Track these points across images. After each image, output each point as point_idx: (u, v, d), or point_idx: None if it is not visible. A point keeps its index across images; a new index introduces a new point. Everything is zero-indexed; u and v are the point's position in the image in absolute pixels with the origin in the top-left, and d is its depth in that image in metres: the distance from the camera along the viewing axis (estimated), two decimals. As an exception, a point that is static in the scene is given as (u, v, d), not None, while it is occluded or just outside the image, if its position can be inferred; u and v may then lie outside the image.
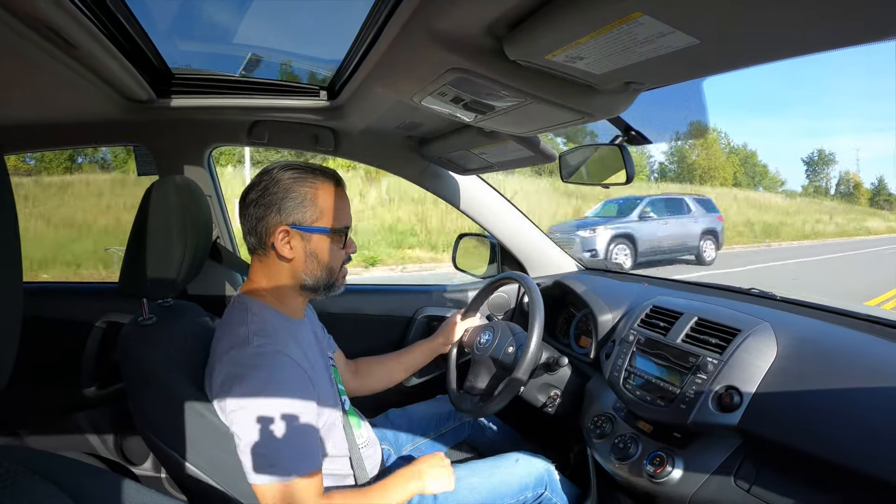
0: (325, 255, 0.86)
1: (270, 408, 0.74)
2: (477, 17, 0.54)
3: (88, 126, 1.24)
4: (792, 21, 0.42)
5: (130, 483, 0.42)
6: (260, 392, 0.75)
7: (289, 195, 0.83)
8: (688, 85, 0.66)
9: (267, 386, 0.75)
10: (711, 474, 0.80)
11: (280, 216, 0.83)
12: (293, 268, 0.86)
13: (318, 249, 0.86)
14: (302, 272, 0.86)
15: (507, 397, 1.07)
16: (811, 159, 41.78)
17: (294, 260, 0.85)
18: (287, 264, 0.86)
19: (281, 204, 0.83)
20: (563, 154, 1.17)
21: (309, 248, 0.85)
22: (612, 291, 1.28)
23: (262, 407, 0.74)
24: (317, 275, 0.87)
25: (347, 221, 0.90)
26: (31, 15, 0.60)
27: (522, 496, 1.02)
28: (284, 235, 0.83)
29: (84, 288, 1.54)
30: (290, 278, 0.87)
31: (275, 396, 0.75)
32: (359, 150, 1.38)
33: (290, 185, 0.83)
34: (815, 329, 0.89)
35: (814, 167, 41.79)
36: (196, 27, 1.05)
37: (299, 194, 0.83)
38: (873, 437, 0.65)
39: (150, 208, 0.89)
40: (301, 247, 0.85)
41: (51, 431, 1.42)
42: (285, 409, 0.75)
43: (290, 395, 0.76)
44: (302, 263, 0.86)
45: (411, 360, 1.26)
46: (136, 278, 0.90)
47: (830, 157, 41.48)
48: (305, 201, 0.84)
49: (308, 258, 0.86)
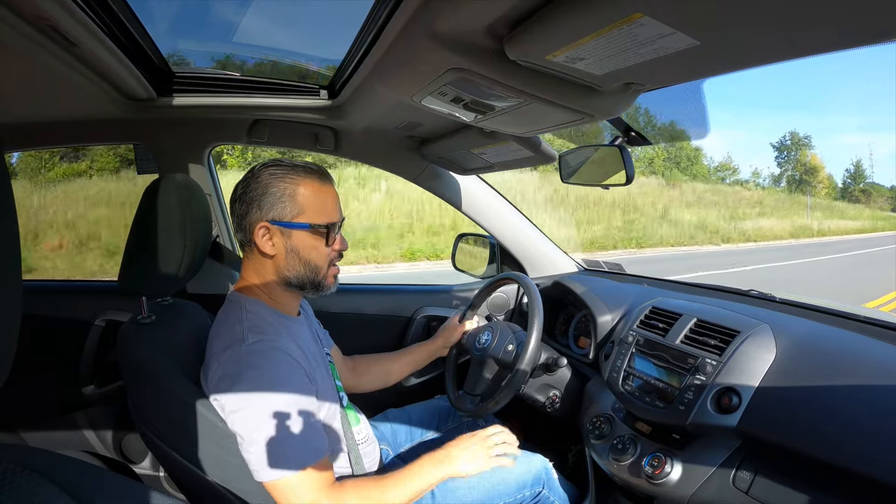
0: (306, 251, 0.86)
1: (271, 404, 0.74)
2: (477, 18, 0.54)
3: (89, 124, 1.24)
4: (792, 22, 0.42)
5: (129, 481, 0.42)
6: (259, 390, 0.75)
7: (268, 191, 0.83)
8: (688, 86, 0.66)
9: (265, 383, 0.75)
10: (710, 475, 0.80)
11: (260, 212, 0.83)
12: (275, 264, 0.86)
13: (300, 246, 0.85)
14: (284, 268, 0.86)
15: (507, 397, 1.07)
16: (782, 143, 34.18)
17: (276, 256, 0.85)
18: (269, 261, 0.86)
19: (260, 200, 0.83)
20: (563, 154, 1.17)
21: (290, 245, 0.85)
22: (611, 292, 1.28)
23: (262, 404, 0.74)
24: (299, 271, 0.86)
25: (333, 217, 0.88)
26: (33, 13, 0.60)
27: (521, 494, 1.02)
28: (265, 232, 0.84)
29: (83, 286, 1.54)
30: (274, 275, 0.87)
31: (274, 392, 0.75)
32: (359, 149, 1.38)
33: (269, 181, 0.84)
34: (814, 331, 0.89)
35: (786, 152, 34.07)
36: (197, 26, 1.05)
37: (278, 190, 0.83)
38: (872, 439, 0.65)
39: (150, 206, 0.89)
40: (282, 243, 0.85)
41: (50, 430, 1.42)
42: (286, 403, 0.75)
43: (290, 390, 0.76)
44: (283, 260, 0.85)
45: (409, 361, 1.26)
46: (136, 276, 0.90)
47: (805, 141, 34.11)
48: (284, 197, 0.83)
49: (289, 254, 0.85)
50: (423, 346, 1.29)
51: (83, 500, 0.35)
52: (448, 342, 1.29)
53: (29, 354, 1.32)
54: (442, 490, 0.97)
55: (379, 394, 1.33)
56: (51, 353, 1.33)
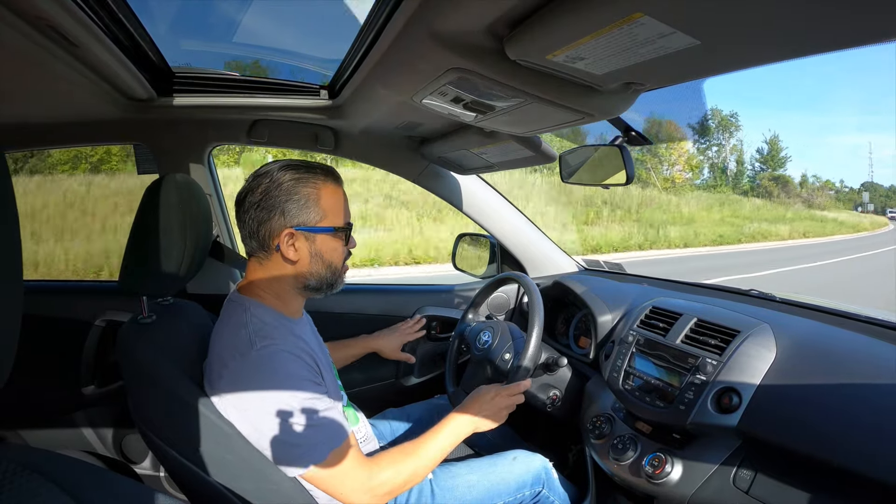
0: (329, 254, 0.87)
1: (289, 401, 0.76)
2: (477, 17, 0.54)
3: (89, 125, 1.24)
4: (793, 22, 0.42)
5: (130, 482, 0.42)
6: (275, 389, 0.76)
7: (291, 197, 0.83)
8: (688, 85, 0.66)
9: (280, 383, 0.76)
10: (710, 475, 0.80)
11: (284, 219, 0.83)
12: (297, 269, 0.86)
13: (323, 249, 0.86)
14: (306, 273, 0.86)
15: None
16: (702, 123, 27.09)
17: (299, 262, 0.85)
18: (291, 266, 0.86)
19: (284, 206, 0.82)
20: (563, 154, 1.17)
21: (314, 249, 0.86)
22: (611, 292, 1.28)
23: (280, 403, 0.76)
24: (321, 274, 0.87)
25: (349, 218, 0.91)
26: (33, 13, 0.60)
27: (520, 493, 1.02)
28: (289, 238, 0.83)
29: (83, 286, 1.54)
30: (294, 279, 0.87)
31: (289, 390, 0.77)
32: (359, 149, 1.38)
33: (292, 187, 0.83)
34: (815, 330, 0.89)
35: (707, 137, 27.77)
36: (197, 26, 1.05)
37: (302, 196, 0.83)
38: (872, 439, 0.65)
39: (151, 206, 0.89)
40: (306, 248, 0.85)
41: (50, 430, 1.42)
42: (303, 398, 0.77)
43: (303, 386, 0.78)
44: (307, 265, 0.86)
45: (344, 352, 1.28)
46: (136, 276, 0.90)
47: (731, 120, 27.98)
48: (309, 202, 0.84)
49: (313, 259, 0.86)
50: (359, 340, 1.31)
51: (83, 500, 0.35)
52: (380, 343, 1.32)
53: (29, 354, 1.32)
54: (441, 489, 0.97)
55: (379, 393, 1.33)
56: (51, 353, 1.33)
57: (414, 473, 0.87)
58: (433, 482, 0.98)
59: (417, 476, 0.88)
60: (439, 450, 0.91)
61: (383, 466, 0.84)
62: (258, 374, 0.76)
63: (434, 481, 0.98)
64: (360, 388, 1.45)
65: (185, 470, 0.80)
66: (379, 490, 0.82)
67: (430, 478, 0.99)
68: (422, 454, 0.89)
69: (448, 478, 0.99)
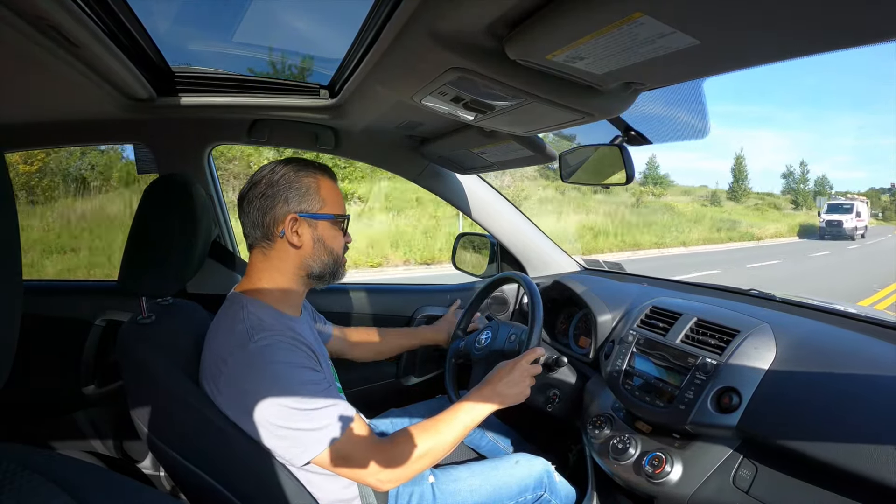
0: (330, 241, 0.91)
1: (292, 388, 0.76)
2: (477, 17, 0.54)
3: (89, 124, 1.24)
4: (793, 22, 0.42)
5: (130, 481, 0.42)
6: (275, 378, 0.76)
7: (293, 186, 0.87)
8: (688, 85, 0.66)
9: (279, 371, 0.77)
10: (710, 475, 0.80)
11: (288, 205, 0.87)
12: (301, 255, 0.89)
13: (325, 236, 0.90)
14: (310, 258, 0.89)
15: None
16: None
17: (302, 247, 0.88)
18: (295, 252, 0.89)
19: (287, 194, 0.87)
20: (563, 154, 1.17)
21: (316, 235, 0.89)
22: (611, 292, 1.28)
23: (284, 391, 0.76)
24: (324, 260, 0.91)
25: (345, 210, 0.94)
26: (33, 13, 0.60)
27: (522, 498, 1.02)
28: (293, 223, 0.87)
29: (83, 286, 1.54)
30: (298, 266, 0.89)
31: (291, 376, 0.77)
32: (359, 149, 1.38)
33: (294, 178, 0.88)
34: (815, 330, 0.89)
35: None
36: (197, 26, 1.05)
37: (303, 185, 0.88)
38: (872, 439, 0.65)
39: (150, 206, 0.89)
40: (309, 234, 0.88)
41: (50, 430, 1.42)
42: (305, 381, 0.78)
43: (304, 372, 0.78)
44: (310, 250, 0.89)
45: (400, 341, 1.33)
46: (136, 276, 0.90)
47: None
48: (310, 191, 0.88)
49: (315, 245, 0.89)
50: (417, 331, 1.36)
51: (83, 500, 0.35)
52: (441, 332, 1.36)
53: (29, 354, 1.32)
54: (443, 493, 0.97)
55: (380, 394, 1.33)
56: (51, 352, 1.33)
57: (433, 449, 0.85)
58: (435, 485, 0.98)
59: (436, 452, 0.86)
60: (462, 425, 0.89)
61: (400, 442, 0.83)
62: (258, 365, 0.77)
63: (436, 484, 0.98)
64: (361, 388, 1.45)
65: (185, 470, 0.80)
66: (397, 465, 0.81)
67: (431, 481, 0.98)
68: (441, 433, 0.87)
69: (450, 481, 0.99)
